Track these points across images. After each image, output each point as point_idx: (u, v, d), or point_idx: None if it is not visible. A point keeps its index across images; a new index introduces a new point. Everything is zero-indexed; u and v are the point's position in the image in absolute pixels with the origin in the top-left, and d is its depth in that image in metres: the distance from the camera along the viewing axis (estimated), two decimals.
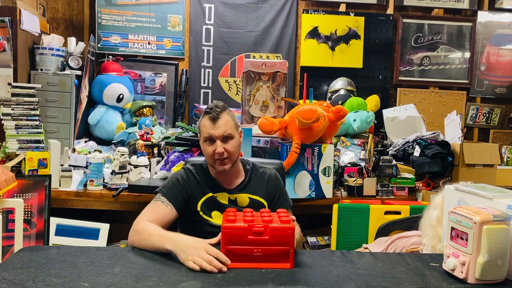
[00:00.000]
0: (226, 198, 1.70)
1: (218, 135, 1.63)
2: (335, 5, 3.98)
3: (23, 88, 2.55)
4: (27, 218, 2.12)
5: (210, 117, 1.64)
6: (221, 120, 1.64)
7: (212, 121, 1.64)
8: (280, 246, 1.20)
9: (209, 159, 1.67)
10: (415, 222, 1.67)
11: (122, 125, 3.35)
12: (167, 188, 1.65)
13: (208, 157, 1.67)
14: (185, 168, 1.75)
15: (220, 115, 1.64)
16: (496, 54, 4.11)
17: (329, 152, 2.45)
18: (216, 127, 1.63)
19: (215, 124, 1.63)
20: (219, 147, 1.62)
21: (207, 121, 1.65)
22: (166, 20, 3.86)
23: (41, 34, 3.12)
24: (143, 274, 1.09)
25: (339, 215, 2.19)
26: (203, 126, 1.66)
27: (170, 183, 1.67)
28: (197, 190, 1.69)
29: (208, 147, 1.65)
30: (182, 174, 1.71)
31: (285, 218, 1.26)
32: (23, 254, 1.20)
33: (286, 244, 1.20)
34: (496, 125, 4.16)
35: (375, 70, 4.00)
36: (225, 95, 3.93)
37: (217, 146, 1.63)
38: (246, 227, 1.21)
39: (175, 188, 1.65)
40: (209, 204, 1.68)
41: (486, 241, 1.05)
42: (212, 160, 1.66)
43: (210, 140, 1.65)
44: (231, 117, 1.68)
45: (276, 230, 1.21)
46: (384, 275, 1.14)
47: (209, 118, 1.64)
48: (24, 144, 2.49)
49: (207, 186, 1.70)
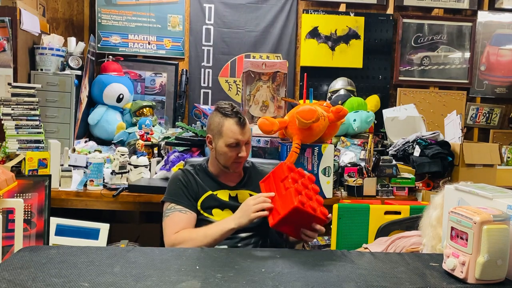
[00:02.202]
0: (226, 195, 1.70)
1: (245, 140, 1.65)
2: (335, 5, 3.98)
3: (23, 88, 2.55)
4: (27, 218, 2.12)
5: (238, 122, 1.63)
6: (247, 126, 1.66)
7: (241, 126, 1.63)
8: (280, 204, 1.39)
9: (227, 161, 1.67)
10: (415, 222, 1.67)
11: (122, 125, 3.35)
12: (176, 195, 1.66)
13: (227, 159, 1.66)
14: (182, 170, 1.75)
15: (245, 121, 1.66)
16: (496, 54, 4.11)
17: (329, 152, 2.45)
18: (243, 132, 1.64)
19: (243, 129, 1.63)
20: (243, 152, 1.65)
21: (235, 126, 1.63)
22: (166, 20, 3.86)
23: (41, 34, 3.12)
24: (143, 274, 1.09)
25: (339, 215, 2.19)
26: (229, 130, 1.63)
27: (176, 188, 1.68)
28: (197, 189, 1.69)
29: (231, 151, 1.64)
30: (181, 175, 1.71)
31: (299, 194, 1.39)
32: (23, 254, 1.20)
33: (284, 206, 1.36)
34: (496, 125, 4.16)
35: (375, 70, 4.00)
36: (225, 95, 3.94)
37: (241, 150, 1.64)
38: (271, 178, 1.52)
39: (182, 192, 1.66)
40: (209, 202, 1.68)
41: (486, 241, 1.05)
42: (230, 162, 1.67)
43: (235, 145, 1.64)
44: None
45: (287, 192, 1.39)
46: (384, 275, 1.14)
47: (237, 123, 1.63)
48: (24, 144, 2.49)
49: (206, 185, 1.70)
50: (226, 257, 1.24)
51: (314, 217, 1.38)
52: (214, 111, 1.71)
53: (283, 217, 1.35)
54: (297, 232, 1.44)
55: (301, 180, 1.46)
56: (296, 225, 1.42)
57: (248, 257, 1.25)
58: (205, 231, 1.52)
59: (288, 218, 1.36)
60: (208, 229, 1.52)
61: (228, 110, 1.65)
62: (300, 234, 1.44)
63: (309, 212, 1.36)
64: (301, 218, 1.38)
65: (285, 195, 1.40)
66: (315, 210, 1.37)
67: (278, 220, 1.37)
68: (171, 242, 1.54)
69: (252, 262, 1.21)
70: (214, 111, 1.71)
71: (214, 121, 1.68)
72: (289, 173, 1.48)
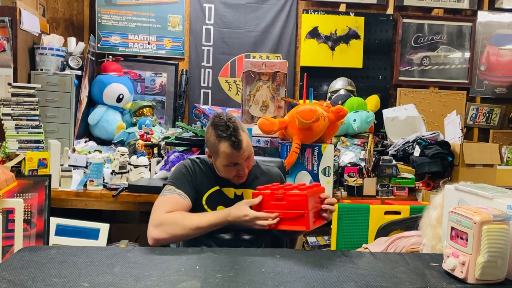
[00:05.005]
0: (232, 193, 1.68)
1: (243, 159, 1.57)
2: (335, 5, 3.98)
3: (23, 88, 2.55)
4: (27, 218, 2.12)
5: (232, 146, 1.52)
6: (243, 144, 1.54)
7: (236, 149, 1.53)
8: (296, 211, 1.39)
9: (228, 176, 1.62)
10: (415, 222, 1.67)
11: (122, 125, 3.35)
12: (180, 180, 1.61)
13: (228, 175, 1.61)
14: (191, 159, 1.71)
15: (241, 138, 1.53)
16: (496, 54, 4.11)
17: (329, 152, 2.45)
18: (240, 154, 1.54)
19: (239, 151, 1.53)
20: (243, 170, 1.58)
21: (230, 149, 1.52)
22: (166, 20, 3.86)
23: (41, 34, 3.12)
24: (143, 274, 1.09)
25: (339, 215, 2.19)
26: (225, 153, 1.54)
27: (181, 174, 1.63)
28: (203, 182, 1.65)
29: (229, 170, 1.58)
30: (189, 164, 1.67)
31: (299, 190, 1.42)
32: (23, 254, 1.20)
33: (300, 209, 1.38)
34: (496, 125, 4.16)
35: (375, 70, 4.00)
36: (225, 95, 3.94)
37: (240, 168, 1.58)
38: (269, 194, 1.45)
39: (187, 179, 1.62)
40: (215, 197, 1.65)
41: (486, 241, 1.05)
42: (231, 177, 1.61)
43: (234, 165, 1.57)
44: (246, 134, 1.59)
45: (291, 196, 1.41)
46: (384, 275, 1.14)
47: (232, 146, 1.52)
48: (24, 144, 2.49)
49: (214, 180, 1.67)
50: (226, 257, 1.24)
51: (318, 191, 1.47)
52: (210, 126, 1.61)
53: (308, 214, 1.40)
54: (318, 215, 1.49)
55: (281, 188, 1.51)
56: (314, 212, 1.47)
57: (248, 257, 1.25)
58: (198, 223, 1.47)
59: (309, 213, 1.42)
60: (201, 222, 1.48)
61: (222, 129, 1.53)
62: (322, 215, 1.48)
63: (315, 191, 1.44)
64: (313, 201, 1.44)
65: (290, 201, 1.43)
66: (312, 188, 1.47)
67: (308, 219, 1.39)
68: (160, 220, 1.47)
69: (252, 262, 1.21)
70: (210, 125, 1.61)
71: (210, 140, 1.60)
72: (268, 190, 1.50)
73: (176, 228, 1.46)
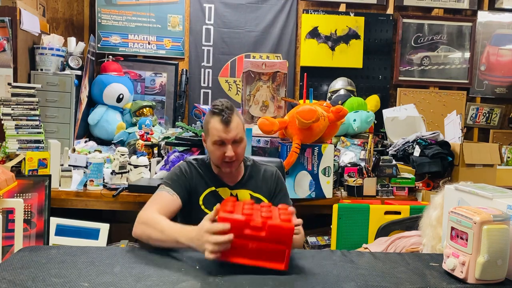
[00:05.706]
0: (227, 193, 1.69)
1: (230, 139, 1.59)
2: (335, 5, 3.99)
3: (23, 88, 2.55)
4: (27, 218, 2.12)
5: (222, 120, 1.58)
6: (232, 124, 1.59)
7: (224, 124, 1.58)
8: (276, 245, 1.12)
9: (216, 161, 1.65)
10: (415, 222, 1.67)
11: (122, 125, 3.35)
12: (171, 180, 1.64)
13: (216, 158, 1.64)
14: (187, 161, 1.74)
15: (231, 118, 1.59)
16: (496, 54, 4.11)
17: (329, 152, 2.45)
18: (228, 130, 1.58)
19: (227, 127, 1.58)
20: (229, 151, 1.59)
21: (219, 123, 1.59)
22: (166, 20, 3.86)
23: (41, 34, 3.12)
24: (143, 274, 1.09)
25: (339, 215, 2.20)
26: (213, 128, 1.60)
27: (174, 175, 1.67)
28: (199, 183, 1.68)
29: (218, 149, 1.61)
30: (185, 166, 1.70)
31: (285, 216, 1.16)
32: (23, 254, 1.20)
33: (283, 243, 1.12)
34: (496, 125, 4.16)
35: (375, 70, 4.00)
36: (225, 95, 3.94)
37: (227, 149, 1.59)
38: (243, 221, 1.12)
39: (179, 179, 1.65)
40: (211, 198, 1.67)
41: (486, 241, 1.05)
42: (220, 161, 1.63)
43: (220, 143, 1.60)
44: (240, 119, 1.65)
45: (274, 228, 1.12)
46: (384, 275, 1.14)
47: (221, 121, 1.58)
48: (24, 144, 2.49)
49: (210, 181, 1.69)
50: None
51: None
52: (208, 111, 1.70)
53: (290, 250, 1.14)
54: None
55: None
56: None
57: None
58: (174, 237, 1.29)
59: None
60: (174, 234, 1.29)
61: (217, 107, 1.61)
62: None
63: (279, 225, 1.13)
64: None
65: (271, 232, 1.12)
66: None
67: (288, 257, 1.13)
68: (145, 218, 1.43)
69: None
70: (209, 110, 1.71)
71: (205, 120, 1.68)
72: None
73: (153, 232, 1.37)
